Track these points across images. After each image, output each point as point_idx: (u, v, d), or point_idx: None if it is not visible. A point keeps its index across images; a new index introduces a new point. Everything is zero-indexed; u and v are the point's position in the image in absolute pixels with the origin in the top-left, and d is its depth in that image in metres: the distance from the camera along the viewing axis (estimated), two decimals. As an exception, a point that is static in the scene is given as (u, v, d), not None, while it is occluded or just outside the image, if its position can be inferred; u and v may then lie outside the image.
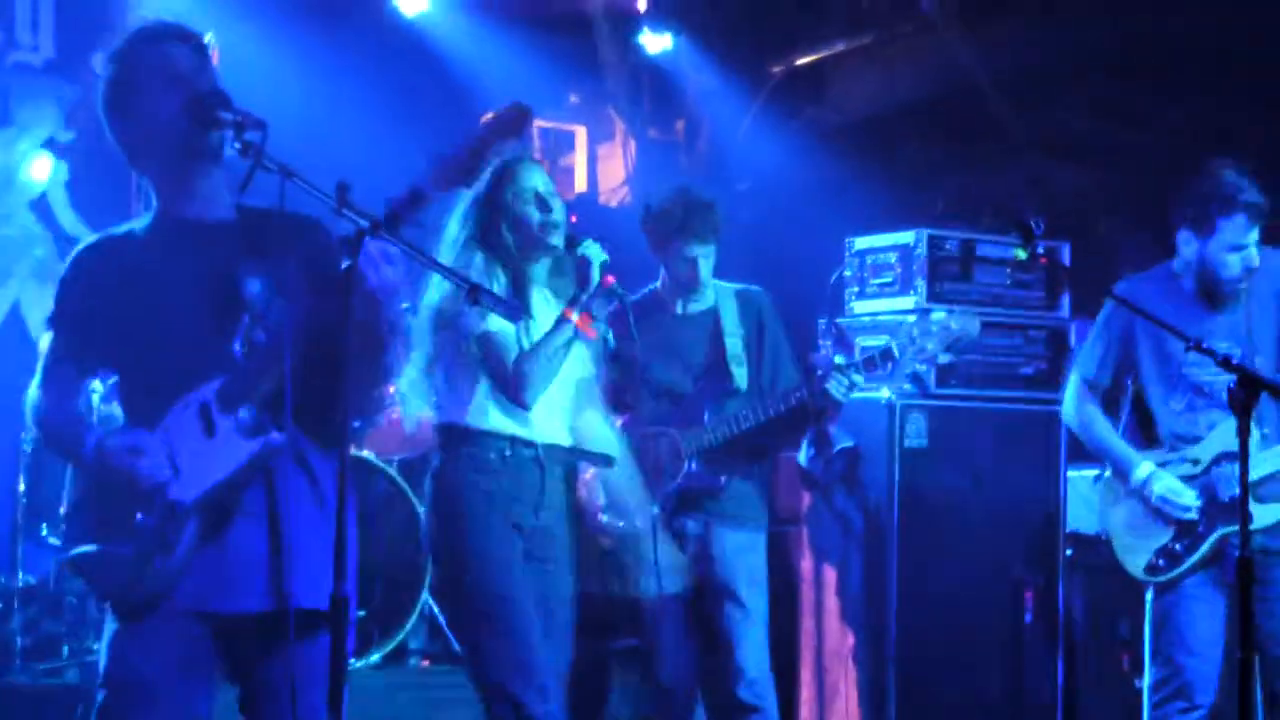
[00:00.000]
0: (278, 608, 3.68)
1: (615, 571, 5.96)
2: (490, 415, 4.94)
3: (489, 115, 3.94)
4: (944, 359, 6.11)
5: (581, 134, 10.76)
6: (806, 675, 6.75)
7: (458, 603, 5.05)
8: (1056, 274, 6.83)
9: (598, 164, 10.85)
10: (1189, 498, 5.45)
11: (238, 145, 3.54)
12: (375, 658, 6.73)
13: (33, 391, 3.87)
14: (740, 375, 5.83)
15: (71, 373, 3.86)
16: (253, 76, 7.73)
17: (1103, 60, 8.86)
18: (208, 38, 3.89)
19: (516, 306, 4.51)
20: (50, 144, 8.37)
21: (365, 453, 7.03)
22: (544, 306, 5.03)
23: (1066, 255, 6.87)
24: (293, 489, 3.72)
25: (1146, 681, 5.61)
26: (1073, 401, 5.74)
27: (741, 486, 5.85)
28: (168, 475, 3.63)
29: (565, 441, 5.04)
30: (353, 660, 6.31)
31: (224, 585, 3.69)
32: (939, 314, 5.83)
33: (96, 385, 4.01)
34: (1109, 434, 5.65)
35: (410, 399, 5.03)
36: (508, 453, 4.93)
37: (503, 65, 9.31)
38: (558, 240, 4.96)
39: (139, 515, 3.63)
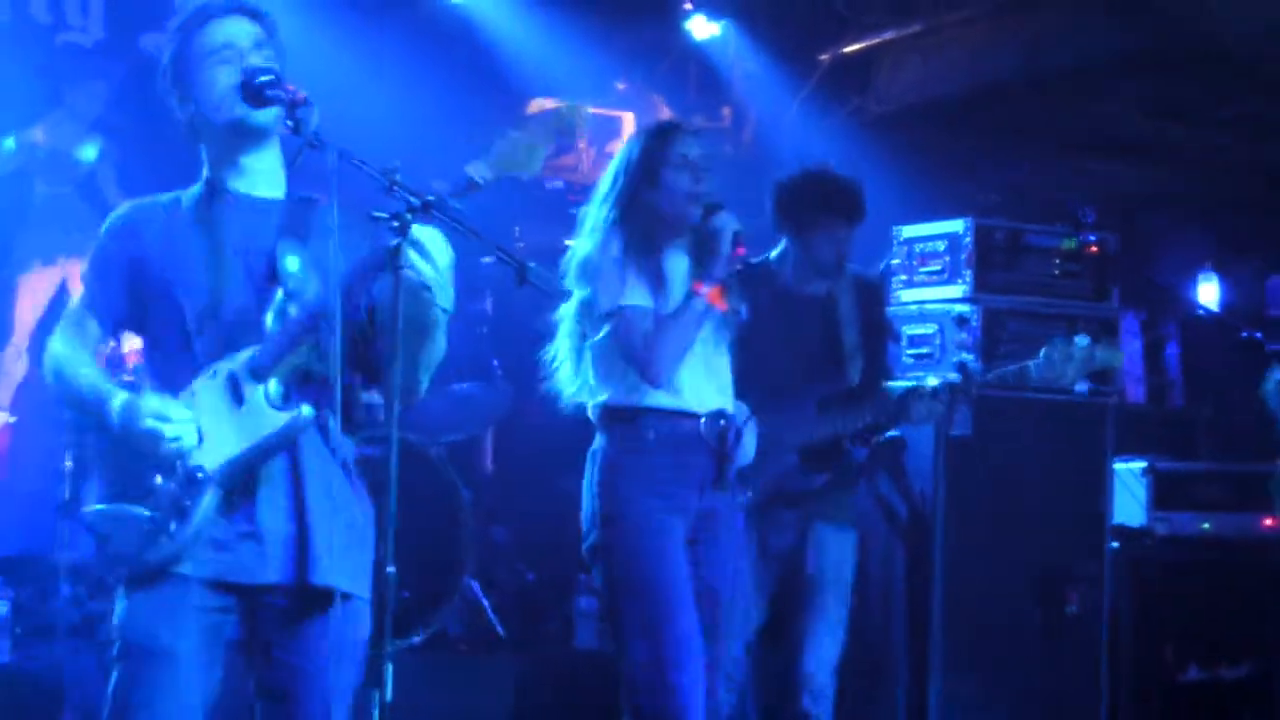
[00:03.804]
0: (298, 582, 3.68)
1: None
2: (643, 390, 4.85)
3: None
4: (1081, 387, 6.01)
5: (628, 120, 10.72)
6: (849, 666, 6.72)
7: (614, 598, 4.93)
8: (1106, 265, 6.78)
9: (644, 151, 10.82)
10: None
11: (289, 123, 3.56)
12: (415, 640, 6.73)
13: (54, 341, 3.87)
14: (855, 370, 5.77)
15: (95, 328, 3.86)
16: (301, 60, 7.79)
17: (1151, 55, 8.80)
18: (271, 19, 3.91)
19: (564, 290, 4.48)
20: (99, 124, 8.40)
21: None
22: (682, 278, 4.92)
23: (1116, 246, 6.81)
24: (317, 466, 3.74)
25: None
26: None
27: (839, 483, 5.80)
28: (193, 442, 3.63)
29: (729, 406, 4.96)
30: (393, 642, 6.33)
31: (245, 557, 3.68)
32: (1083, 339, 5.70)
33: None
34: None
35: (565, 385, 4.98)
36: (667, 429, 4.85)
37: (550, 51, 9.31)
38: (697, 211, 4.91)
39: (159, 479, 3.63)
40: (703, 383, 4.90)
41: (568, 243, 5.03)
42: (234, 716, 3.84)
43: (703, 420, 4.90)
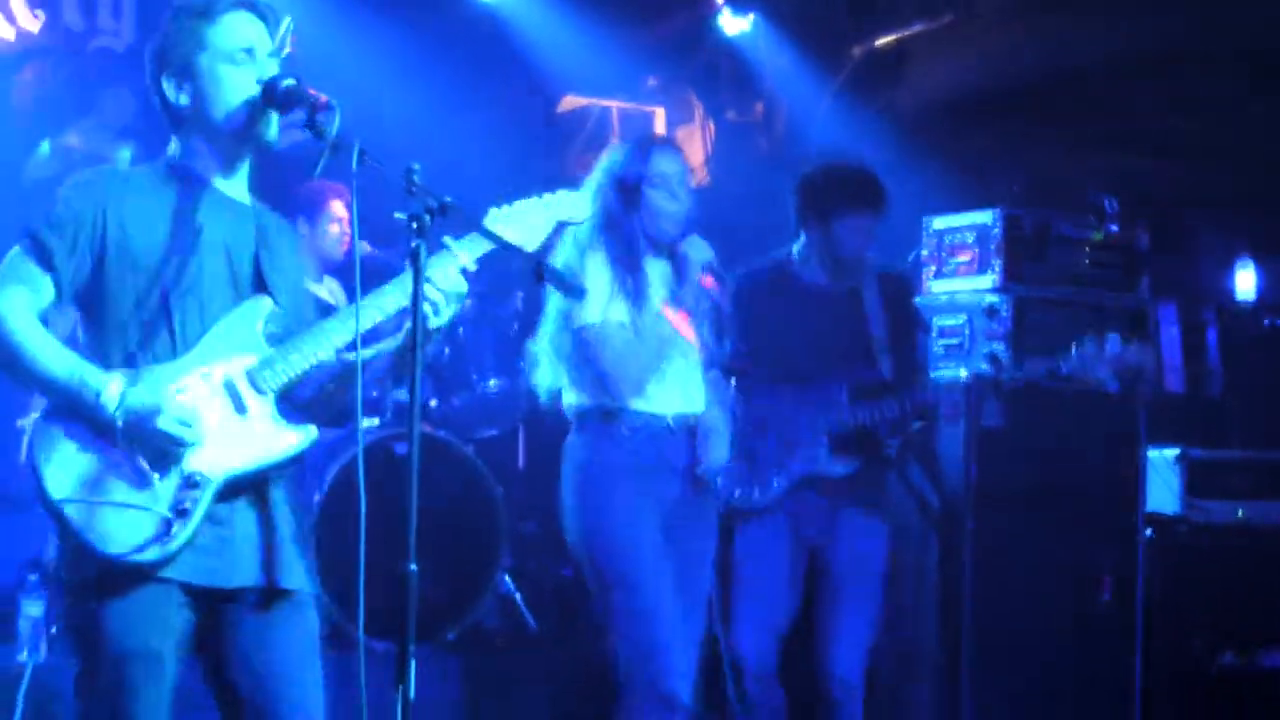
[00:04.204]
0: (268, 585, 3.70)
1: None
2: (615, 397, 5.02)
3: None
4: (1112, 384, 6.03)
5: (660, 116, 10.74)
6: (882, 656, 6.73)
7: (595, 582, 5.10)
8: (1135, 255, 6.78)
9: (677, 146, 10.83)
10: None
11: (309, 129, 3.59)
12: (450, 636, 6.75)
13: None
14: (885, 363, 5.79)
15: (50, 290, 3.64)
16: (329, 60, 7.83)
17: (1183, 49, 8.77)
18: (284, 23, 3.92)
19: (579, 288, 4.55)
20: (129, 130, 8.44)
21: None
22: (659, 292, 5.07)
23: (1145, 237, 6.80)
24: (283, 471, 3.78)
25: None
26: None
27: (869, 473, 5.83)
28: (198, 445, 3.59)
29: (695, 409, 5.12)
30: (427, 640, 6.39)
31: (218, 560, 3.66)
32: (1115, 339, 5.82)
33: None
34: None
35: (542, 381, 5.12)
36: (639, 425, 5.01)
37: (581, 48, 9.33)
38: (676, 231, 5.01)
39: (157, 478, 3.57)
40: (671, 390, 5.07)
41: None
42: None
43: (670, 419, 5.07)
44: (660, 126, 10.63)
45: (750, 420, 5.72)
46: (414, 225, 3.45)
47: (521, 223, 3.84)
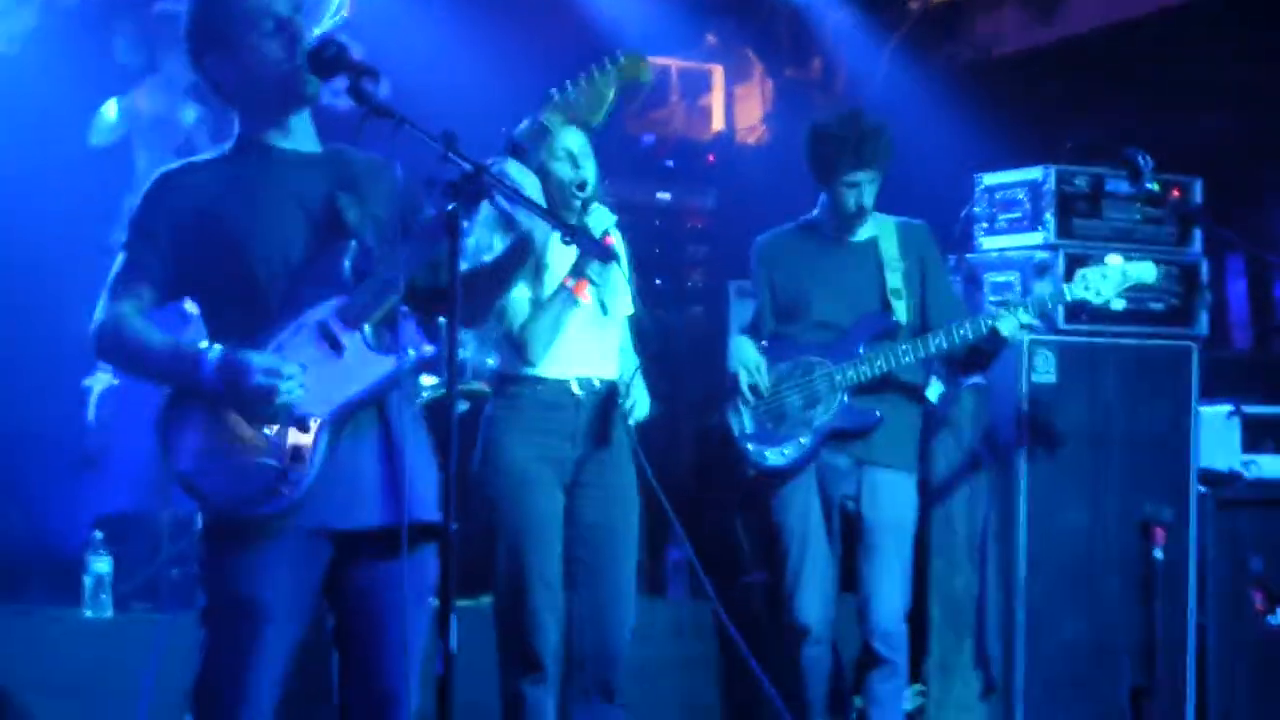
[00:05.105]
0: (394, 523, 3.75)
1: (751, 504, 6.09)
2: (523, 362, 5.20)
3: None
4: (1118, 305, 6.04)
5: (719, 73, 10.77)
6: (936, 615, 6.78)
7: (491, 538, 5.25)
8: (1188, 210, 6.76)
9: (735, 104, 10.85)
10: None
11: (352, 93, 3.66)
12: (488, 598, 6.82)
13: (107, 309, 3.84)
14: (900, 309, 5.83)
15: (149, 293, 3.85)
16: (381, 23, 7.88)
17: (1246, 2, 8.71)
18: None
19: (610, 251, 4.61)
20: (194, 89, 8.52)
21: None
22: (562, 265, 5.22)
23: (1199, 191, 6.79)
24: (398, 407, 3.84)
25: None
26: None
27: (895, 426, 5.86)
28: (301, 394, 3.70)
29: (608, 375, 5.30)
30: (470, 599, 6.48)
31: (342, 502, 3.77)
32: (1115, 258, 5.86)
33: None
34: None
35: (468, 350, 5.32)
36: (544, 392, 5.20)
37: (639, 6, 9.35)
38: (578, 200, 5.13)
39: (267, 430, 3.70)
40: (581, 353, 5.23)
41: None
42: (307, 663, 3.92)
43: (574, 382, 5.22)
44: (719, 84, 10.66)
45: (778, 380, 5.80)
46: (450, 188, 3.53)
47: (578, 105, 4.01)
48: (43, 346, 7.15)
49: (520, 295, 5.14)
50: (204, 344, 3.76)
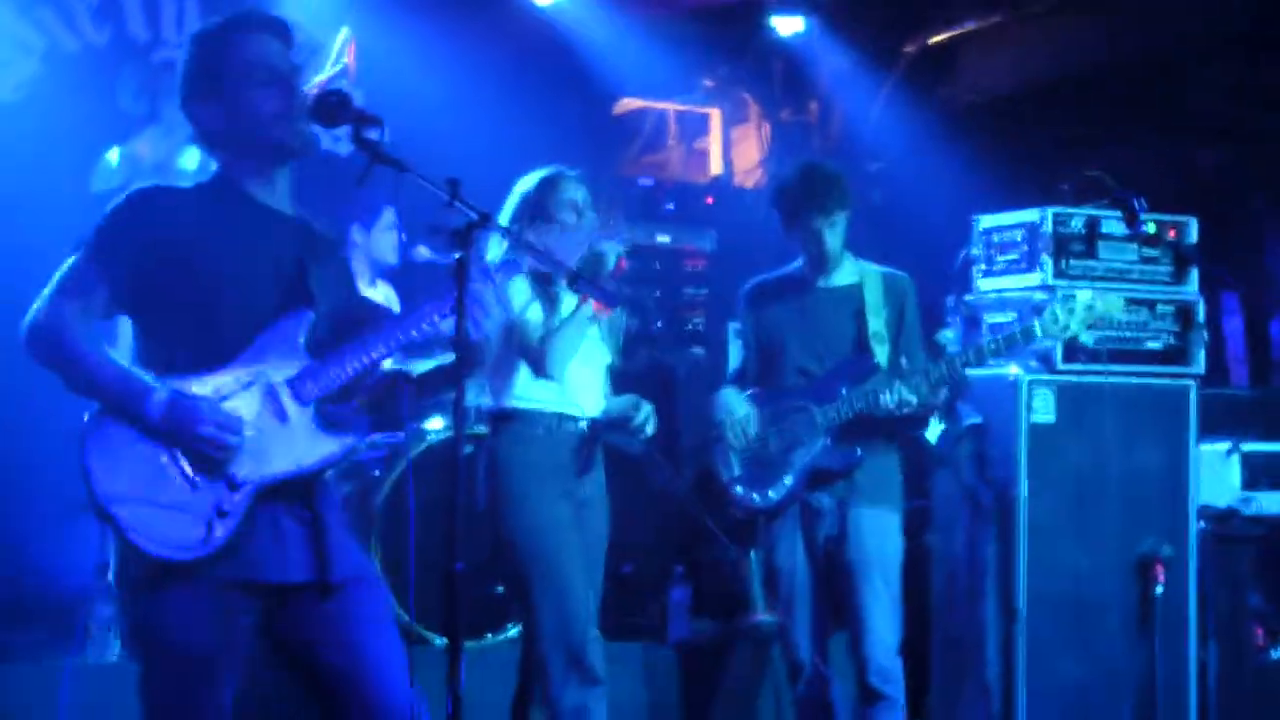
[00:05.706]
0: (319, 579, 3.80)
1: (747, 544, 6.19)
2: (535, 395, 5.38)
3: None
4: (1086, 339, 6.13)
5: (716, 116, 10.82)
6: (937, 653, 6.80)
7: (515, 568, 5.40)
8: (1184, 249, 6.82)
9: (732, 146, 10.91)
10: None
11: (353, 144, 3.70)
12: (511, 633, 6.85)
13: (47, 307, 3.76)
14: (881, 353, 5.90)
15: (103, 301, 3.76)
16: (383, 69, 7.93)
17: (1234, 38, 8.77)
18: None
19: (615, 293, 4.68)
20: (193, 139, 8.55)
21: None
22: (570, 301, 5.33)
23: (1194, 231, 6.84)
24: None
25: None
26: None
27: (877, 465, 5.92)
28: (240, 450, 3.68)
29: (596, 410, 5.52)
30: (489, 635, 6.50)
31: (270, 557, 3.77)
32: (1084, 294, 5.95)
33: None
34: None
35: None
36: (554, 427, 5.38)
37: (636, 50, 9.41)
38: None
39: (201, 479, 3.67)
40: (579, 391, 5.45)
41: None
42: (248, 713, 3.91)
43: (575, 415, 5.45)
44: (716, 126, 10.72)
45: (763, 424, 5.88)
46: (458, 238, 3.57)
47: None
48: (43, 391, 7.18)
49: (534, 316, 5.27)
50: (149, 378, 3.70)
